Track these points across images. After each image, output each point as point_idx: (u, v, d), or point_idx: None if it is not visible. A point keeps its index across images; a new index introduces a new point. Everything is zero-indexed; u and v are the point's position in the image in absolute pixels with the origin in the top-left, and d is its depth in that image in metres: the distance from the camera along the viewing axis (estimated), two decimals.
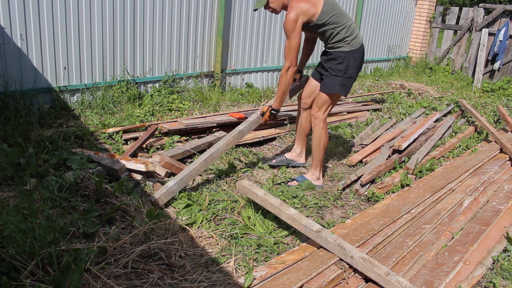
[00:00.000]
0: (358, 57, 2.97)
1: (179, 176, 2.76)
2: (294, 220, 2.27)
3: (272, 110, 3.08)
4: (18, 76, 3.77)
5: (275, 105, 3.07)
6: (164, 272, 1.98)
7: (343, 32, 2.89)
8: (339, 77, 2.96)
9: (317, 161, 3.20)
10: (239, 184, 2.59)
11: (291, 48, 2.80)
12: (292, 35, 2.78)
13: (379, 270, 1.92)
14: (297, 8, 2.76)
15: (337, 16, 2.86)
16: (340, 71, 2.94)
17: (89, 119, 3.90)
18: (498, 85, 7.42)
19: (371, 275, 1.95)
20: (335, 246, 2.09)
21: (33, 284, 1.70)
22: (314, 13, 2.81)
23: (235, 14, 5.44)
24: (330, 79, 2.98)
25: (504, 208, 2.82)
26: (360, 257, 2.00)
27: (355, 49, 2.93)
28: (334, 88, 2.98)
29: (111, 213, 2.39)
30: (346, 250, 2.04)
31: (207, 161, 2.91)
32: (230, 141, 3.03)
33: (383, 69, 8.34)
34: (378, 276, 1.92)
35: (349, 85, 3.02)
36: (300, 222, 2.24)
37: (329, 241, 2.11)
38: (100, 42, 4.25)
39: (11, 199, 2.40)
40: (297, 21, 2.76)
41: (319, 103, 3.05)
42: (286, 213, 2.30)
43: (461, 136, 4.51)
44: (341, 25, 2.88)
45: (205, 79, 5.40)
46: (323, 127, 3.08)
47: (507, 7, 7.81)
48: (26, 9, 3.67)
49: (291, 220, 2.29)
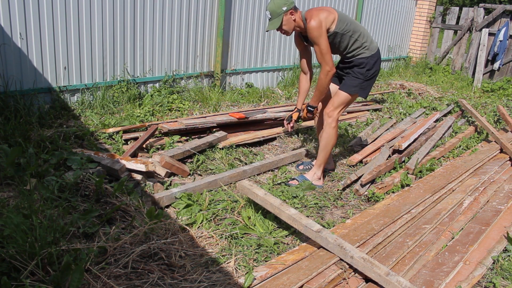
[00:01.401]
0: (377, 61, 3.07)
1: (184, 186, 2.82)
2: (294, 220, 2.27)
3: (309, 107, 3.13)
4: (18, 76, 3.77)
5: (312, 103, 3.10)
6: (164, 272, 1.98)
7: (361, 38, 2.97)
8: (359, 79, 3.04)
9: (321, 161, 3.21)
10: (239, 184, 2.60)
11: (323, 52, 2.85)
12: (320, 40, 2.82)
13: (379, 270, 1.92)
14: (317, 15, 2.83)
15: (351, 24, 2.95)
16: (362, 74, 3.03)
17: (89, 119, 3.90)
18: (498, 85, 7.42)
19: (371, 275, 1.95)
20: (335, 246, 2.09)
21: (33, 284, 1.70)
22: (333, 19, 2.87)
23: (235, 14, 5.44)
24: (350, 80, 3.06)
25: (504, 208, 2.82)
26: (360, 257, 2.00)
27: (374, 53, 3.03)
28: (354, 89, 3.04)
29: (111, 213, 2.39)
30: (346, 250, 2.04)
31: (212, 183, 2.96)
32: (234, 174, 3.12)
33: (383, 69, 8.34)
34: (378, 276, 1.92)
35: (369, 88, 3.11)
36: (300, 222, 2.24)
37: (329, 241, 2.11)
38: (100, 42, 4.25)
39: (11, 199, 2.40)
40: (321, 26, 2.81)
41: (336, 103, 3.09)
42: (286, 213, 2.30)
43: (461, 136, 4.51)
44: (358, 32, 2.96)
45: (205, 79, 5.40)
46: (334, 127, 3.11)
47: (507, 7, 7.80)
48: (26, 9, 3.67)
49: (291, 220, 2.29)
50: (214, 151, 3.55)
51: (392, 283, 1.87)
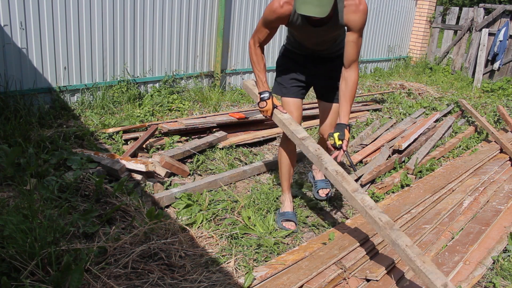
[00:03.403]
0: None
1: (184, 186, 2.82)
2: (284, 125, 2.33)
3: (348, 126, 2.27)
4: (18, 76, 3.77)
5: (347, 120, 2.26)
6: (164, 272, 1.98)
7: None
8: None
9: None
10: (244, 83, 2.64)
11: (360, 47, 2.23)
12: (362, 31, 2.19)
13: (347, 186, 1.98)
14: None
15: None
16: None
17: (89, 119, 3.90)
18: (498, 85, 7.42)
19: (339, 189, 2.02)
20: (314, 156, 2.14)
21: (33, 284, 1.70)
22: None
23: (235, 14, 5.44)
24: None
25: (504, 208, 2.82)
26: (334, 170, 2.05)
27: None
28: None
29: (111, 213, 2.39)
30: (323, 162, 2.09)
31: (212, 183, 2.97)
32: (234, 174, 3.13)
33: (383, 69, 8.34)
34: (345, 191, 1.99)
35: None
36: (289, 128, 2.30)
37: (309, 150, 2.17)
38: (100, 42, 4.25)
39: (11, 199, 2.40)
40: None
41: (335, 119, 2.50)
42: (278, 117, 2.39)
43: (461, 136, 4.51)
44: None
45: (205, 79, 5.40)
46: None
47: (507, 7, 7.81)
48: (26, 9, 3.67)
49: (281, 124, 2.36)
50: (214, 151, 3.55)
51: (356, 200, 1.93)
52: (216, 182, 2.98)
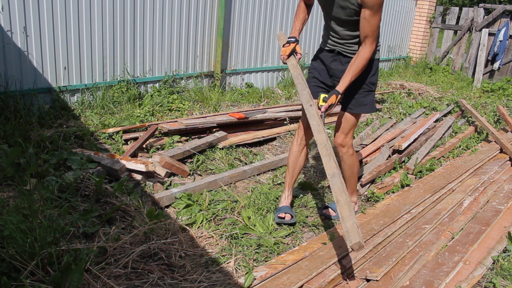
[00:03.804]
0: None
1: (184, 186, 2.82)
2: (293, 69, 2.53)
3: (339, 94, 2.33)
4: (18, 76, 3.77)
5: (341, 88, 2.31)
6: (164, 272, 1.98)
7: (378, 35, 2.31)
8: (373, 92, 2.47)
9: (353, 188, 2.76)
10: (278, 34, 2.79)
11: (377, 26, 2.22)
12: (381, 9, 2.19)
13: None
14: None
15: None
16: (374, 84, 2.46)
17: (89, 119, 3.90)
18: (498, 85, 7.42)
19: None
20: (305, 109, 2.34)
21: (33, 284, 1.70)
22: None
23: (235, 14, 5.44)
24: (365, 97, 2.44)
25: (504, 208, 2.82)
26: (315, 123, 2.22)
27: (379, 58, 2.50)
28: (374, 105, 2.49)
29: (111, 213, 2.39)
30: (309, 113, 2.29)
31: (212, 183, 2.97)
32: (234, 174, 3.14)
33: (383, 69, 8.34)
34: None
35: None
36: (293, 73, 2.50)
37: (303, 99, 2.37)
38: (100, 42, 4.25)
39: (11, 199, 2.40)
40: None
41: (347, 129, 2.52)
42: (291, 62, 2.56)
43: (461, 136, 4.51)
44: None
45: (205, 79, 5.40)
46: (353, 153, 2.62)
47: (507, 7, 7.81)
48: (26, 9, 3.67)
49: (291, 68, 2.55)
50: (214, 151, 3.55)
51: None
52: (216, 182, 2.98)
